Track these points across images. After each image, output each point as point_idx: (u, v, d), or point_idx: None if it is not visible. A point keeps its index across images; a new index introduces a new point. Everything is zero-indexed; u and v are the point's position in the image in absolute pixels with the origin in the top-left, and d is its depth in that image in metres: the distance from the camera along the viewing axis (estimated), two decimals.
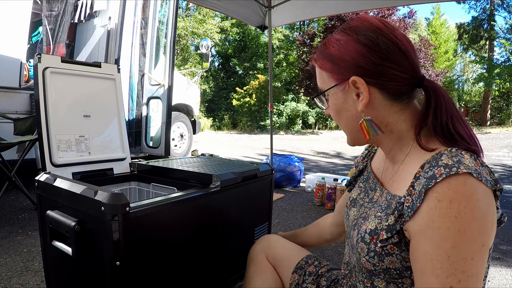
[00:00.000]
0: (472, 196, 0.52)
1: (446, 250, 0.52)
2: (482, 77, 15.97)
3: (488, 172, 0.57)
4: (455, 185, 0.53)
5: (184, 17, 17.21)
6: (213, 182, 1.18)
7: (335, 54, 0.68)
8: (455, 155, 0.57)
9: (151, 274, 0.95)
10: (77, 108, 1.50)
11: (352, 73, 0.66)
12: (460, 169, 0.54)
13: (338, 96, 0.70)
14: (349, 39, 0.66)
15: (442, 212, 0.53)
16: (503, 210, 0.66)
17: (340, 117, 0.73)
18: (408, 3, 3.60)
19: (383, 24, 0.66)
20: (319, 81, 0.74)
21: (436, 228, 0.53)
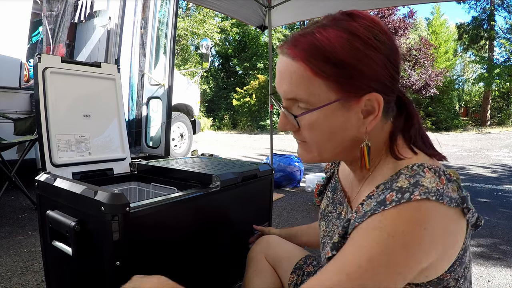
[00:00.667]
0: (421, 223, 0.48)
1: (362, 259, 0.48)
2: (482, 77, 15.97)
3: (456, 189, 0.52)
4: (405, 209, 0.49)
5: (184, 17, 17.21)
6: (213, 182, 1.18)
7: (348, 61, 0.53)
8: (415, 174, 0.52)
9: (151, 274, 0.95)
10: (77, 108, 1.50)
11: (370, 89, 0.54)
12: (414, 195, 0.49)
13: (337, 113, 0.56)
14: (364, 46, 0.53)
15: (379, 225, 0.49)
16: (503, 210, 0.65)
17: (330, 138, 0.58)
18: (408, 3, 3.60)
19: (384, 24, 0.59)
20: (298, 88, 0.56)
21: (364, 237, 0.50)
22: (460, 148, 8.40)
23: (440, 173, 0.52)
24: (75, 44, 4.08)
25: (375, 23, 0.56)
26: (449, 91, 15.91)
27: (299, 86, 0.55)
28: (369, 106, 0.56)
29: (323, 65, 0.53)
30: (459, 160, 6.27)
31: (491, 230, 2.47)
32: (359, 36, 0.53)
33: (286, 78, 0.57)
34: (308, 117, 0.57)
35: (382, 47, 0.55)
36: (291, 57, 0.55)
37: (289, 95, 0.57)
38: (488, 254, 2.04)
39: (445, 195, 0.50)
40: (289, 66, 0.56)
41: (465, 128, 14.64)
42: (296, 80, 0.55)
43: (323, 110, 0.56)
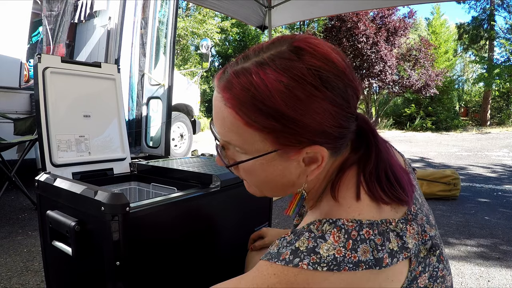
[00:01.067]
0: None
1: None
2: (482, 77, 15.96)
3: (369, 249, 0.47)
4: (287, 269, 0.47)
5: (184, 17, 17.21)
6: (213, 182, 1.18)
7: (290, 114, 0.46)
8: (318, 236, 0.48)
9: (151, 274, 0.95)
10: (77, 108, 1.50)
11: (312, 142, 0.49)
12: (303, 262, 0.46)
13: (275, 163, 0.52)
14: (307, 95, 0.46)
15: (265, 271, 0.49)
16: (503, 210, 0.65)
17: (268, 184, 0.56)
18: (408, 3, 3.60)
19: (339, 57, 0.50)
20: (231, 134, 0.51)
21: (253, 273, 0.51)
22: (460, 148, 8.40)
23: (351, 234, 0.47)
24: (75, 44, 4.09)
25: (327, 60, 0.48)
26: (449, 91, 15.90)
27: (232, 132, 0.51)
28: (312, 155, 0.51)
29: (257, 116, 0.48)
30: (459, 160, 6.27)
31: (491, 230, 2.47)
32: (303, 84, 0.46)
33: (219, 120, 0.52)
34: (243, 164, 0.53)
35: (331, 94, 0.48)
36: (224, 102, 0.50)
37: (224, 137, 0.54)
38: (488, 254, 2.04)
39: (345, 263, 0.46)
40: (222, 110, 0.51)
41: (465, 128, 14.64)
42: (229, 126, 0.51)
43: (258, 160, 0.51)
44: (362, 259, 0.46)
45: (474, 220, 2.74)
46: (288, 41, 0.50)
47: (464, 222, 2.68)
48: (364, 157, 0.55)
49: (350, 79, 0.50)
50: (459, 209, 3.03)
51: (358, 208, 0.51)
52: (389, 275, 0.50)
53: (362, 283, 0.48)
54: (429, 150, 7.88)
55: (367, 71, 12.87)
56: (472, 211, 2.98)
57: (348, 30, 12.62)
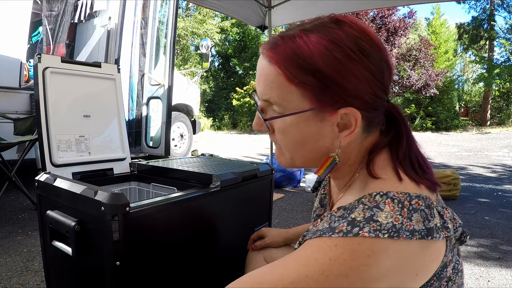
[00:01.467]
0: (362, 257, 0.47)
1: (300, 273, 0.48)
2: (482, 77, 15.96)
3: (421, 219, 0.49)
4: (348, 240, 0.48)
5: (184, 17, 17.21)
6: (213, 182, 1.18)
7: (328, 73, 0.50)
8: (373, 206, 0.50)
9: (151, 274, 0.95)
10: (77, 108, 1.50)
11: (348, 104, 0.52)
12: (363, 230, 0.47)
13: (310, 123, 0.54)
14: (345, 58, 0.50)
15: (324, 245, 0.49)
16: (503, 210, 0.65)
17: (301, 146, 0.57)
18: (408, 3, 3.60)
19: (376, 35, 0.54)
20: (271, 91, 0.54)
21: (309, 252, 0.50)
22: (460, 148, 8.40)
23: (404, 204, 0.50)
24: (75, 44, 4.09)
25: (365, 33, 0.52)
26: (449, 91, 15.90)
27: (272, 89, 0.54)
28: (346, 120, 0.53)
29: (299, 73, 0.51)
30: (459, 160, 6.27)
31: (491, 230, 2.47)
32: (341, 47, 0.50)
33: (262, 79, 0.56)
34: (279, 122, 0.56)
35: (367, 61, 0.51)
36: (268, 59, 0.54)
37: (264, 96, 0.56)
38: (488, 254, 2.04)
39: (403, 230, 0.48)
40: (265, 68, 0.55)
41: (465, 128, 14.64)
42: (270, 83, 0.54)
43: (295, 117, 0.54)
44: (416, 228, 0.48)
45: (474, 220, 2.74)
46: (329, 17, 0.55)
47: (464, 222, 2.66)
48: (394, 141, 0.58)
49: (385, 55, 0.54)
50: (459, 209, 3.03)
51: (402, 184, 0.53)
52: (433, 251, 0.51)
53: (415, 256, 0.49)
54: (429, 150, 7.86)
55: None
56: (472, 211, 2.98)
57: None
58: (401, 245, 0.48)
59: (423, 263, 0.51)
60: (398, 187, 0.52)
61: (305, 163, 0.60)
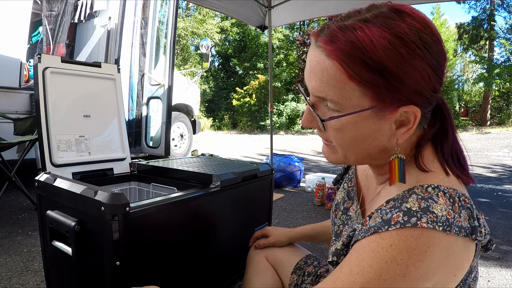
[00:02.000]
0: (419, 253, 0.46)
1: (356, 282, 0.47)
2: (482, 77, 15.96)
3: (468, 217, 0.49)
4: (405, 235, 0.46)
5: (184, 17, 17.21)
6: (213, 182, 1.18)
7: (390, 68, 0.47)
8: (427, 197, 0.49)
9: (151, 274, 0.95)
10: (77, 108, 1.50)
11: (409, 102, 0.50)
12: (421, 221, 0.46)
13: (369, 121, 0.51)
14: (409, 53, 0.47)
15: (377, 249, 0.47)
16: (503, 210, 0.65)
17: (357, 145, 0.55)
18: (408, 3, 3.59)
19: (434, 25, 0.51)
20: (329, 88, 0.51)
21: (361, 259, 0.48)
22: None
23: (455, 199, 0.49)
24: (75, 44, 4.08)
25: (426, 25, 0.49)
26: (449, 91, 15.90)
27: (330, 86, 0.50)
28: (404, 117, 0.51)
29: (361, 69, 0.47)
30: None
31: (491, 230, 2.46)
32: (406, 41, 0.47)
33: (317, 74, 0.51)
34: (336, 121, 0.53)
35: (430, 56, 0.48)
36: (326, 54, 0.49)
37: (318, 93, 0.52)
38: (488, 254, 2.04)
39: (454, 225, 0.47)
40: (322, 63, 0.50)
41: (465, 128, 14.63)
42: (328, 80, 0.50)
43: (353, 117, 0.51)
44: (463, 225, 0.48)
45: None
46: (387, 5, 0.51)
47: None
48: (440, 134, 0.56)
49: (443, 46, 0.51)
50: None
51: (449, 179, 0.53)
52: (470, 252, 0.51)
53: (459, 254, 0.49)
54: None
55: None
56: None
57: None
58: (450, 240, 0.47)
59: (461, 263, 0.50)
60: (447, 182, 0.52)
61: (359, 161, 0.59)
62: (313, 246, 2.02)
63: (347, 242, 0.58)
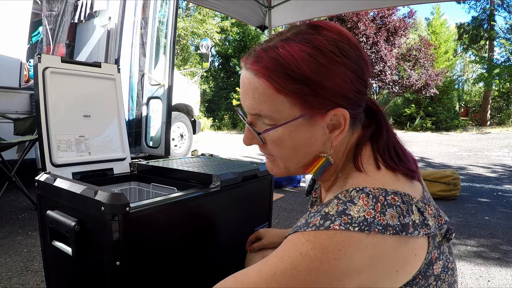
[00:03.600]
0: (332, 252, 0.48)
1: (277, 268, 0.50)
2: (482, 77, 15.95)
3: (396, 215, 0.50)
4: (320, 234, 0.49)
5: (184, 17, 17.21)
6: (213, 182, 1.18)
7: (315, 79, 0.52)
8: (347, 201, 0.51)
9: (151, 274, 0.95)
10: (77, 108, 1.50)
11: (335, 104, 0.54)
12: (334, 223, 0.49)
13: (302, 129, 0.55)
14: (328, 61, 0.52)
15: (296, 240, 0.51)
16: (503, 209, 0.65)
17: (295, 153, 0.58)
18: (408, 3, 3.60)
19: (351, 35, 0.58)
20: (261, 104, 0.55)
21: (285, 247, 0.52)
22: (460, 148, 8.40)
23: (379, 199, 0.51)
24: (75, 44, 4.09)
25: (342, 35, 0.55)
26: (449, 91, 15.89)
27: (262, 102, 0.55)
28: (335, 121, 0.56)
29: (286, 82, 0.52)
30: (459, 160, 6.27)
31: (491, 230, 2.47)
32: (323, 51, 0.52)
33: (249, 93, 0.56)
34: (272, 133, 0.57)
35: (348, 61, 0.53)
36: (254, 73, 0.55)
37: (253, 111, 0.57)
38: (488, 254, 2.04)
39: (376, 224, 0.48)
40: (252, 82, 0.55)
41: (465, 128, 14.63)
42: (259, 96, 0.55)
43: (287, 127, 0.55)
44: (390, 223, 0.49)
45: (474, 220, 2.74)
46: (305, 24, 0.57)
47: (464, 222, 2.68)
48: (375, 133, 0.61)
49: (362, 52, 0.56)
50: (459, 209, 3.03)
51: (381, 180, 0.55)
52: (413, 248, 0.52)
53: (391, 252, 0.50)
54: (429, 150, 7.87)
55: None
56: (472, 211, 2.98)
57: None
58: (374, 239, 0.48)
59: (403, 260, 0.51)
60: (376, 184, 0.54)
61: (300, 170, 0.62)
62: None
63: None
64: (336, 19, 12.74)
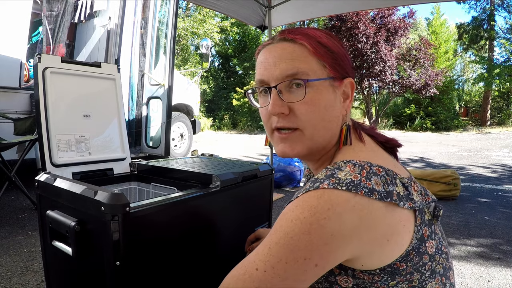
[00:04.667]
0: (321, 211, 0.50)
1: (271, 241, 0.54)
2: (482, 77, 15.95)
3: (382, 183, 0.54)
4: (308, 196, 0.53)
5: (184, 17, 17.21)
6: (213, 182, 1.18)
7: (335, 49, 0.65)
8: (334, 168, 0.57)
9: (151, 274, 0.95)
10: (77, 108, 1.50)
11: (348, 75, 0.66)
12: (322, 184, 0.53)
13: (329, 90, 0.63)
14: (338, 43, 0.67)
15: (286, 211, 0.55)
16: (503, 209, 0.66)
17: (324, 115, 0.63)
18: (408, 3, 3.60)
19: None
20: (299, 62, 0.62)
21: (277, 222, 0.56)
22: (460, 148, 8.40)
23: (364, 167, 0.56)
24: (75, 44, 4.08)
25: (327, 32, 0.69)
26: (449, 91, 15.89)
27: (301, 61, 0.62)
28: (346, 89, 0.66)
29: (319, 46, 0.63)
30: (459, 160, 6.27)
31: (491, 230, 2.47)
32: (333, 36, 0.67)
33: (285, 57, 0.62)
34: (308, 89, 0.61)
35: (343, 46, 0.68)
36: (291, 40, 0.64)
37: (290, 71, 0.62)
38: (488, 254, 2.04)
39: (362, 186, 0.52)
40: (288, 47, 0.63)
41: (465, 128, 14.63)
42: (297, 56, 0.62)
43: (320, 85, 0.62)
44: (375, 188, 0.53)
45: (474, 220, 2.74)
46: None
47: (464, 222, 2.68)
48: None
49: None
50: (459, 209, 3.03)
51: (366, 156, 0.60)
52: (401, 218, 0.55)
53: (379, 217, 0.52)
54: (429, 150, 7.87)
55: (367, 71, 12.85)
56: (472, 211, 2.98)
57: (348, 30, 12.61)
58: (362, 200, 0.51)
59: (391, 229, 0.54)
60: (361, 157, 0.59)
61: (322, 140, 0.64)
62: None
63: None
64: (336, 19, 12.73)
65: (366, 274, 0.57)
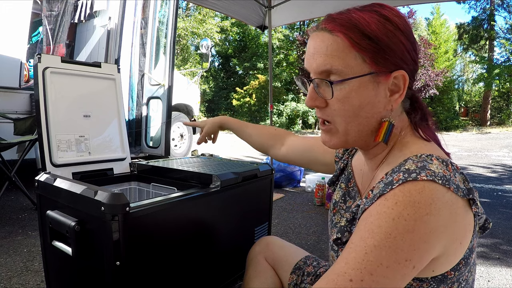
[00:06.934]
0: (424, 206, 0.47)
1: (367, 245, 0.48)
2: (482, 77, 15.97)
3: (462, 180, 0.53)
4: (408, 190, 0.49)
5: (184, 17, 17.21)
6: (213, 182, 1.18)
7: (382, 38, 0.56)
8: (422, 160, 0.53)
9: (151, 274, 0.95)
10: (77, 108, 1.50)
11: (398, 67, 0.58)
12: (420, 175, 0.49)
13: (369, 87, 0.57)
14: (394, 28, 0.57)
15: (383, 209, 0.49)
16: (503, 210, 0.66)
17: (359, 113, 0.59)
18: (408, 3, 3.60)
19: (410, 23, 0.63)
20: (333, 58, 0.57)
21: (370, 222, 0.50)
22: (460, 148, 8.40)
23: (447, 163, 0.53)
24: (75, 44, 4.08)
25: (402, 16, 0.60)
26: (449, 91, 15.91)
27: (335, 56, 0.57)
28: (396, 84, 0.59)
29: (360, 38, 0.56)
30: (459, 160, 6.26)
31: (491, 230, 2.47)
32: (391, 20, 0.58)
33: (321, 50, 0.58)
34: (341, 88, 0.58)
35: (408, 37, 0.59)
36: (329, 31, 0.58)
37: (324, 67, 0.58)
38: (488, 254, 2.04)
39: (452, 182, 0.50)
40: (326, 39, 0.58)
41: (465, 128, 14.64)
42: (332, 51, 0.57)
43: (356, 82, 0.57)
44: (460, 185, 0.51)
45: None
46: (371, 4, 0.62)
47: None
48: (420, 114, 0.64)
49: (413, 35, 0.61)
50: None
51: (439, 151, 0.59)
52: (470, 221, 0.53)
53: (461, 215, 0.51)
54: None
55: None
56: None
57: None
58: (452, 196, 0.49)
59: (465, 230, 0.52)
60: (436, 152, 0.56)
61: (359, 135, 0.62)
62: (312, 246, 2.02)
63: (350, 218, 0.63)
64: None
65: (417, 281, 0.54)
